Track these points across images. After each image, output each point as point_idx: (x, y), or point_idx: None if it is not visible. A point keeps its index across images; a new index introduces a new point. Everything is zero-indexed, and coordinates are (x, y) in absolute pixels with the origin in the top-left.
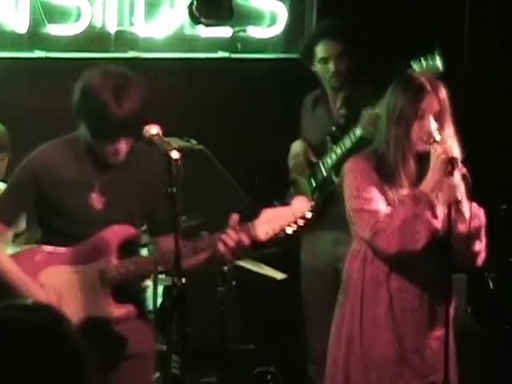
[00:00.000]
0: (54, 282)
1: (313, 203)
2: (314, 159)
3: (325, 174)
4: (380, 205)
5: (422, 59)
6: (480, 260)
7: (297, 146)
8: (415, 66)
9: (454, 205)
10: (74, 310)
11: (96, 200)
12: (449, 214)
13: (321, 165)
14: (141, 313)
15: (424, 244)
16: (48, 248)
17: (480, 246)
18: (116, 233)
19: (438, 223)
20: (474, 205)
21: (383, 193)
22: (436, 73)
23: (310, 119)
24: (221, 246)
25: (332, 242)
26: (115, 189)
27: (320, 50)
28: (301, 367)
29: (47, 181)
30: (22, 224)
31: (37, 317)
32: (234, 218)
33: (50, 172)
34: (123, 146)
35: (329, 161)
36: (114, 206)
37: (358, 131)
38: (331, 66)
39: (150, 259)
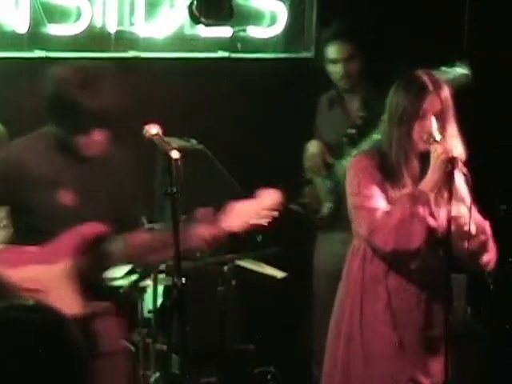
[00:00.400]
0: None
1: (281, 194)
2: (330, 160)
3: (340, 175)
4: (380, 203)
5: (448, 67)
6: (489, 268)
7: (313, 146)
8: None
9: (455, 221)
10: None
11: (67, 196)
12: (449, 214)
13: (337, 166)
14: (112, 310)
15: (420, 243)
16: (16, 248)
17: (488, 257)
18: (87, 230)
19: (436, 223)
20: (479, 218)
21: (384, 191)
22: (463, 79)
23: (325, 119)
24: (193, 241)
25: (346, 243)
26: (87, 185)
27: (330, 52)
28: (301, 367)
29: (17, 177)
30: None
31: (37, 317)
32: (202, 212)
33: (20, 168)
34: (97, 138)
35: (345, 163)
36: (86, 202)
37: (377, 137)
38: (340, 68)
39: (120, 256)
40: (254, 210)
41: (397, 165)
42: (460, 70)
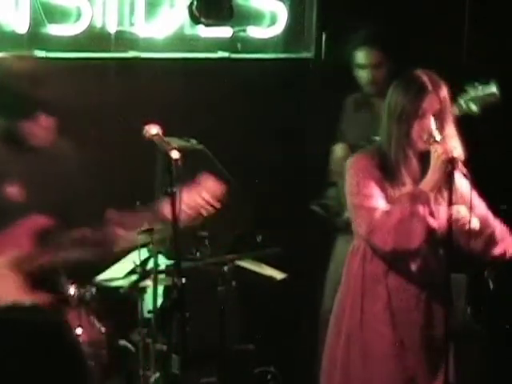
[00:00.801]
0: None
1: (222, 184)
2: None
3: None
4: (379, 202)
5: (478, 84)
6: (508, 257)
7: (340, 150)
8: (471, 92)
9: (460, 222)
10: None
11: (14, 189)
12: (450, 214)
13: None
14: (52, 302)
15: (419, 243)
16: None
17: (501, 248)
18: (32, 222)
19: (435, 222)
20: (482, 213)
21: (384, 190)
22: (493, 98)
23: (351, 121)
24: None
25: None
26: (33, 178)
27: (358, 57)
28: (301, 367)
29: None
30: None
31: (37, 318)
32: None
33: None
34: (42, 124)
35: None
36: (32, 195)
37: None
38: (368, 74)
39: (64, 247)
40: (193, 196)
41: (396, 164)
42: (490, 89)
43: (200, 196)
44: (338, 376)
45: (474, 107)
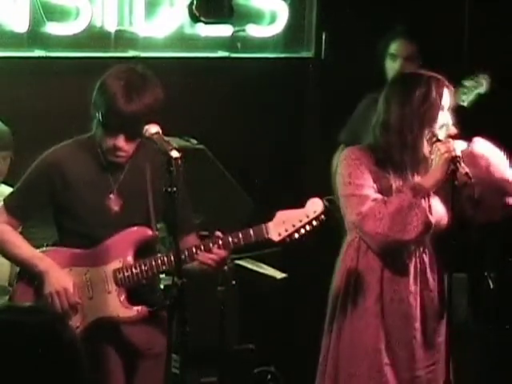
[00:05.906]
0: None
1: (326, 204)
2: None
3: None
4: (371, 192)
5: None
6: None
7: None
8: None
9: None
10: (86, 311)
11: (113, 201)
12: (451, 209)
13: None
14: (154, 312)
15: (415, 236)
16: (64, 249)
17: None
18: (133, 234)
19: (433, 219)
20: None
21: (376, 182)
22: (481, 89)
23: (362, 121)
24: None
25: None
26: (130, 190)
27: (393, 47)
28: (301, 367)
29: (61, 181)
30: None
31: (35, 319)
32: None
33: (64, 172)
34: (122, 144)
35: None
36: (131, 207)
37: None
38: (398, 65)
39: (163, 261)
40: (300, 218)
41: (413, 153)
42: (479, 82)
43: (305, 215)
44: (329, 369)
45: (464, 98)
